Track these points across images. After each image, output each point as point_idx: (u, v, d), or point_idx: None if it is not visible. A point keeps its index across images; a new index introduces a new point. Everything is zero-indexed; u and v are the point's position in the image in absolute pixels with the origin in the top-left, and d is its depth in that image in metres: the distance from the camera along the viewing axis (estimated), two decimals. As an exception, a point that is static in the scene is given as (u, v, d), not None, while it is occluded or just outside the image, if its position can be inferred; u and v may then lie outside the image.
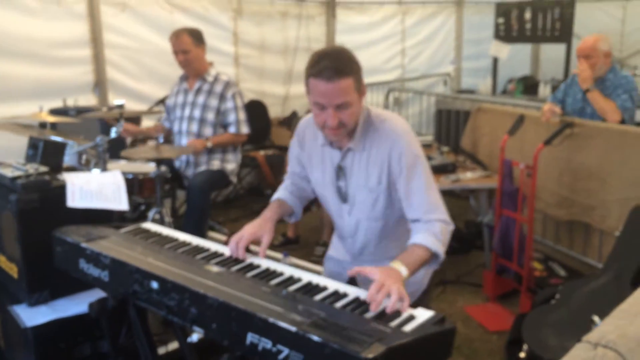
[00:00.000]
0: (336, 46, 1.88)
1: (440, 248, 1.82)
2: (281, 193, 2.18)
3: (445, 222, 1.88)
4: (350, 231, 2.08)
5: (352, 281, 1.95)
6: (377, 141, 1.91)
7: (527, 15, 6.59)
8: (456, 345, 1.54)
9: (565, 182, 3.63)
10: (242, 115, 3.84)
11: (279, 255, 3.69)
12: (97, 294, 2.27)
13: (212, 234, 4.39)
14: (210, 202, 3.88)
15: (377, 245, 2.07)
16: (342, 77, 1.75)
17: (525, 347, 2.66)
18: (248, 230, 1.95)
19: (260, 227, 1.97)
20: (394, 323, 1.46)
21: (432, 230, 1.83)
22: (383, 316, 1.51)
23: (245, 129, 3.86)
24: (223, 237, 4.35)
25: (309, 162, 2.10)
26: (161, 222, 3.16)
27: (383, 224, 2.01)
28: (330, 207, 2.11)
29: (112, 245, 1.96)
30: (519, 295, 3.45)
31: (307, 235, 4.71)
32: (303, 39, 6.13)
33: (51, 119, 3.24)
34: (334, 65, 1.74)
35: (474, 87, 7.55)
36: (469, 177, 3.85)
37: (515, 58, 7.66)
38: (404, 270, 1.70)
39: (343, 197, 2.03)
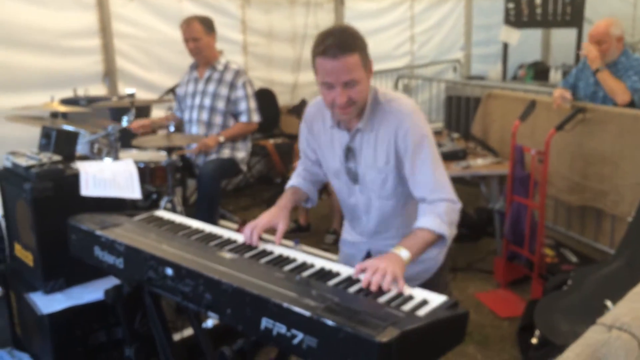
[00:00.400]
0: (340, 24, 1.88)
1: (445, 229, 1.82)
2: (295, 180, 2.19)
3: (451, 200, 1.88)
4: (364, 209, 2.07)
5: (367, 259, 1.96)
6: (385, 121, 1.91)
7: (538, -1, 6.52)
8: (468, 332, 1.54)
9: (577, 168, 3.61)
10: (253, 104, 3.85)
11: (290, 242, 3.70)
12: (111, 281, 2.30)
13: (223, 222, 4.42)
14: (220, 190, 3.90)
15: (391, 222, 2.06)
16: (348, 54, 1.74)
17: (537, 332, 2.66)
18: (264, 218, 1.97)
19: (275, 215, 1.99)
20: (407, 307, 1.47)
21: (435, 211, 1.84)
22: (396, 300, 1.51)
23: (256, 118, 3.86)
24: (234, 225, 4.38)
25: (318, 145, 2.11)
26: (173, 210, 3.18)
27: (395, 202, 2.01)
28: (341, 188, 2.12)
29: (127, 232, 1.98)
30: (530, 281, 3.45)
31: (318, 223, 4.72)
32: (311, 26, 6.10)
33: (62, 108, 3.26)
34: (338, 42, 1.74)
35: (484, 74, 7.50)
36: (480, 164, 3.83)
37: (526, 43, 7.58)
38: (404, 253, 1.71)
39: (353, 177, 2.03)
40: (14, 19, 4.07)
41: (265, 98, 5.65)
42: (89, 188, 2.32)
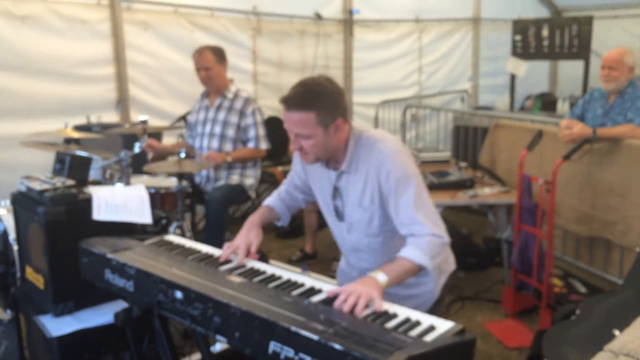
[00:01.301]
0: (318, 77, 1.93)
1: (425, 260, 1.84)
2: (272, 200, 2.31)
3: (435, 235, 1.89)
4: (352, 248, 2.14)
5: None
6: (368, 162, 1.96)
7: (545, 32, 6.60)
8: (475, 361, 1.54)
9: (585, 198, 3.62)
10: (262, 131, 3.90)
11: (298, 269, 3.70)
12: (120, 305, 2.32)
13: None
14: (228, 216, 3.93)
15: (381, 260, 2.06)
16: (300, 110, 1.83)
17: (545, 363, 2.63)
18: (241, 241, 2.07)
19: (247, 235, 2.10)
20: (415, 333, 1.48)
21: (418, 243, 1.87)
22: (403, 325, 1.52)
23: (264, 145, 3.92)
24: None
25: (311, 180, 2.20)
26: (182, 235, 3.20)
27: (382, 239, 2.06)
28: (330, 225, 2.21)
29: (137, 256, 2.01)
30: (539, 311, 3.43)
31: (324, 250, 4.72)
32: (321, 56, 6.20)
33: (76, 135, 3.33)
34: (296, 96, 1.84)
35: (492, 104, 7.56)
36: (487, 193, 3.85)
37: (533, 75, 7.66)
38: (381, 277, 1.75)
39: (340, 216, 2.10)
40: (32, 49, 4.19)
41: (274, 126, 5.71)
42: (100, 212, 2.35)
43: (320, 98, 1.85)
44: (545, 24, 6.66)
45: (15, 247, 2.84)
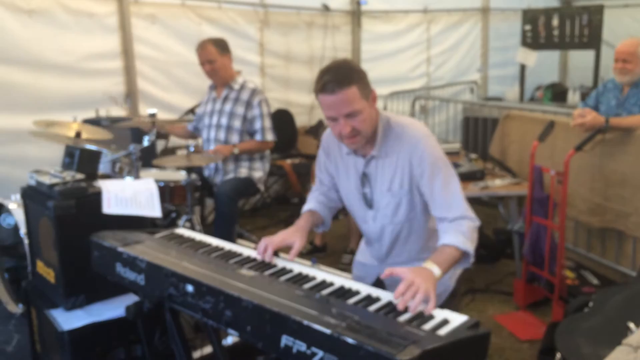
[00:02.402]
0: (338, 60, 1.94)
1: (469, 246, 1.86)
2: (312, 204, 2.23)
3: (470, 219, 1.92)
4: (376, 236, 2.13)
5: (379, 283, 1.98)
6: (398, 146, 1.96)
7: (555, 21, 6.53)
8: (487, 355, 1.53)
9: (598, 189, 3.58)
10: (268, 123, 3.88)
11: (307, 262, 3.69)
12: (131, 298, 2.32)
13: (241, 241, 4.43)
14: (237, 209, 3.92)
15: (402, 248, 2.12)
16: (344, 87, 1.81)
17: (558, 355, 2.61)
18: (279, 235, 2.01)
19: (291, 234, 2.03)
20: (428, 326, 1.46)
21: (459, 229, 1.87)
22: (416, 319, 1.51)
23: (270, 136, 3.89)
24: (253, 245, 4.38)
25: (335, 170, 2.16)
26: (192, 229, 3.20)
27: (407, 227, 2.06)
28: (356, 213, 2.17)
29: (148, 249, 2.00)
30: (550, 303, 3.40)
31: (334, 243, 4.71)
32: (329, 48, 6.17)
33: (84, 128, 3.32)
34: (334, 78, 1.81)
35: (501, 95, 7.50)
36: (498, 184, 3.81)
37: (543, 65, 7.58)
38: (436, 270, 1.73)
39: (368, 203, 2.08)
40: (40, 42, 4.18)
41: (282, 118, 5.71)
42: (110, 206, 2.35)
43: (353, 71, 1.85)
44: (555, 13, 6.58)
45: (26, 241, 2.86)
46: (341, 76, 1.81)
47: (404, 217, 2.03)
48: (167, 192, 3.29)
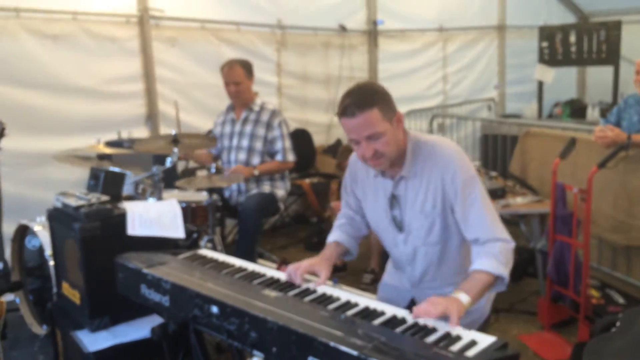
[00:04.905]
0: (361, 82, 1.94)
1: (502, 270, 1.81)
2: (337, 235, 2.20)
3: (504, 240, 1.87)
4: (407, 259, 2.08)
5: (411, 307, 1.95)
6: (429, 166, 1.93)
7: (572, 38, 6.52)
8: (512, 376, 1.50)
9: (621, 206, 3.53)
10: (288, 143, 3.91)
11: (329, 282, 3.68)
12: (154, 319, 2.33)
13: (262, 261, 4.43)
14: (261, 225, 3.94)
15: (437, 271, 2.06)
16: (365, 110, 1.80)
17: (586, 376, 2.56)
18: (306, 263, 2.00)
19: (318, 262, 2.02)
20: (456, 347, 1.44)
21: (491, 252, 1.83)
22: (444, 340, 1.49)
23: (291, 157, 3.92)
24: (273, 264, 4.39)
25: (362, 194, 2.14)
26: (213, 249, 3.22)
27: (441, 248, 2.01)
28: (385, 237, 2.13)
29: (172, 270, 2.02)
30: (575, 323, 3.34)
31: (354, 263, 4.66)
32: (346, 68, 6.21)
33: (107, 150, 3.38)
34: (355, 101, 1.81)
35: (519, 112, 7.46)
36: (520, 202, 3.78)
37: (561, 81, 7.54)
38: (464, 298, 1.70)
39: (398, 225, 2.04)
40: (63, 67, 4.27)
41: (301, 138, 5.73)
42: (135, 227, 2.38)
43: (376, 93, 1.85)
44: (572, 29, 6.57)
45: (51, 263, 2.89)
46: (362, 99, 1.81)
47: (438, 238, 1.99)
48: (189, 212, 3.32)
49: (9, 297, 3.19)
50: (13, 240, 3.39)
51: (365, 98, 1.82)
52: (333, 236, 2.19)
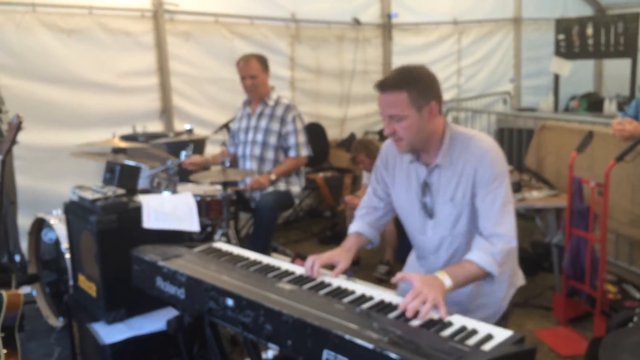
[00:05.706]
0: (412, 64, 1.95)
1: (495, 269, 1.84)
2: (358, 225, 2.22)
3: (507, 239, 1.89)
4: (432, 248, 2.09)
5: None
6: (464, 157, 1.95)
7: (589, 30, 6.43)
8: (527, 371, 1.49)
9: (639, 200, 3.48)
10: (302, 138, 3.90)
11: (342, 275, 3.68)
12: (170, 312, 2.34)
13: (275, 255, 4.44)
14: (276, 221, 3.94)
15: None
16: (394, 90, 1.85)
17: (603, 372, 2.53)
18: (326, 254, 2.03)
19: (338, 254, 2.05)
20: (472, 341, 1.44)
21: (491, 249, 1.86)
22: (459, 333, 1.49)
23: (304, 152, 3.91)
24: (287, 258, 4.39)
25: (392, 181, 2.15)
26: (228, 242, 3.23)
27: (467, 240, 2.01)
28: (413, 224, 2.14)
29: (187, 263, 2.03)
30: (591, 318, 3.31)
31: (367, 256, 4.68)
32: (360, 61, 6.19)
33: (123, 144, 3.40)
34: (391, 78, 1.87)
35: (535, 105, 7.39)
36: (536, 197, 3.75)
37: (577, 74, 7.46)
38: (447, 281, 1.73)
39: (429, 212, 2.05)
40: (79, 61, 4.31)
41: (314, 132, 5.72)
42: (150, 221, 2.39)
43: (413, 79, 1.87)
44: (589, 22, 6.48)
45: (67, 256, 2.92)
46: (396, 79, 1.86)
47: (464, 228, 2.00)
48: (204, 206, 3.33)
49: (26, 289, 3.23)
50: (30, 233, 3.43)
51: (400, 79, 1.86)
52: (354, 226, 2.22)
